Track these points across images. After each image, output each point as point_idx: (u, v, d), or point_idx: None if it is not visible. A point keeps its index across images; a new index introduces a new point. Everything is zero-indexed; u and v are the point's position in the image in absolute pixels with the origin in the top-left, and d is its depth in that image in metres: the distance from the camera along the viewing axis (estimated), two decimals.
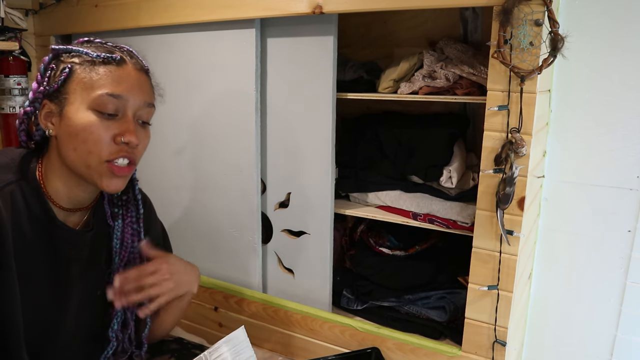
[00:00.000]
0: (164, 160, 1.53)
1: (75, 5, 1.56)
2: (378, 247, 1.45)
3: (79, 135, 0.77)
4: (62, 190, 0.82)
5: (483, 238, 1.10)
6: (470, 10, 1.42)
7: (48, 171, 0.81)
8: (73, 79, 0.78)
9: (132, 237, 0.92)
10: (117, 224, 0.90)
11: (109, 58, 0.79)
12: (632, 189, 1.27)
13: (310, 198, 1.35)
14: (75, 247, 0.85)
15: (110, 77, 0.78)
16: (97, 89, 0.77)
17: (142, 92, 0.82)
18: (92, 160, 0.77)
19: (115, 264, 0.90)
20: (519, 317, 1.29)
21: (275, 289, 1.47)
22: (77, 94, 0.77)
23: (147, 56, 1.52)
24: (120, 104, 0.78)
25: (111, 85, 0.78)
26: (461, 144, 1.37)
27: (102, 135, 0.77)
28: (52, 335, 0.84)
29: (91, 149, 0.77)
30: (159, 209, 1.08)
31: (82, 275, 0.86)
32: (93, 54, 0.78)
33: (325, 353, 1.34)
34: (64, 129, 0.78)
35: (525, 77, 0.97)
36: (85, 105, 0.77)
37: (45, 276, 0.81)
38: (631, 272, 1.30)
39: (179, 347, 1.06)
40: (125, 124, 0.79)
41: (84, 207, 0.86)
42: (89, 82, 0.77)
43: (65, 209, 0.83)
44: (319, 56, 1.25)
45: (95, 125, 0.77)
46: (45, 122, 0.80)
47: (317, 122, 1.29)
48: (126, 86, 0.79)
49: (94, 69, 0.78)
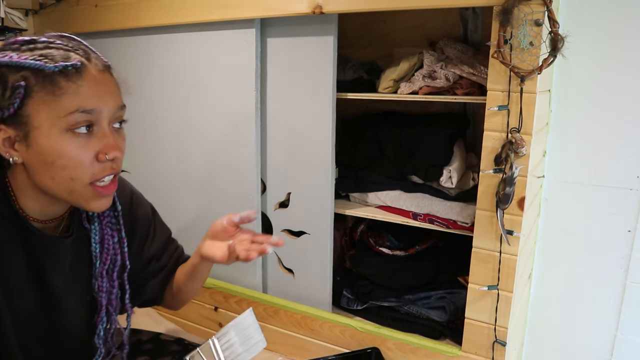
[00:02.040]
0: (164, 160, 1.53)
1: (75, 5, 1.56)
2: (378, 247, 1.45)
3: (55, 163, 0.68)
4: (35, 206, 0.76)
5: (483, 238, 1.10)
6: (470, 10, 1.42)
7: (16, 190, 0.74)
8: (32, 99, 0.66)
9: (112, 238, 0.86)
10: (93, 227, 0.84)
11: (67, 67, 0.67)
12: (632, 189, 1.27)
13: (310, 198, 1.35)
14: (54, 254, 0.80)
15: (75, 90, 0.67)
16: (66, 108, 0.67)
17: (112, 97, 0.73)
18: (75, 186, 0.70)
19: (96, 268, 0.85)
20: (519, 317, 1.29)
21: (275, 289, 1.47)
22: (42, 116, 0.67)
23: (147, 56, 1.53)
24: (94, 117, 0.69)
25: (79, 99, 0.67)
26: (461, 144, 1.37)
27: (83, 158, 0.69)
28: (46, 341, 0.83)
29: (72, 175, 0.69)
30: (159, 209, 1.07)
31: (69, 281, 0.82)
32: (50, 67, 0.66)
33: (325, 353, 1.34)
34: (35, 157, 0.69)
35: (525, 77, 0.97)
36: (56, 129, 0.67)
37: (28, 283, 0.78)
38: (631, 272, 1.30)
39: (180, 348, 1.05)
40: (104, 138, 0.71)
41: (59, 217, 0.81)
42: (53, 101, 0.66)
43: (40, 221, 0.77)
44: (319, 56, 1.25)
45: (74, 149, 0.68)
46: (6, 149, 0.69)
47: (317, 122, 1.29)
48: (96, 96, 0.69)
49: (54, 83, 0.66)
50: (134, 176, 1.61)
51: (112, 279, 0.86)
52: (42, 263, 0.78)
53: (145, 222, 0.97)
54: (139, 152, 1.58)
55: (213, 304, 1.51)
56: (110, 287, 0.86)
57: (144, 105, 1.53)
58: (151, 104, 1.52)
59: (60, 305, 0.82)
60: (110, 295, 0.86)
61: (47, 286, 0.80)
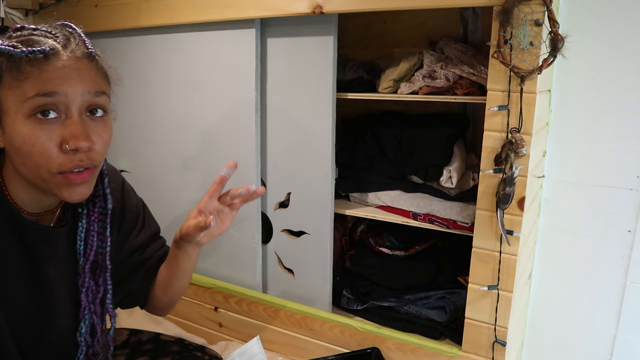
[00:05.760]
0: (164, 160, 1.53)
1: (75, 5, 1.56)
2: (378, 247, 1.45)
3: (21, 149, 0.67)
4: (26, 198, 0.75)
5: (483, 238, 1.10)
6: (470, 10, 1.42)
7: (8, 181, 0.74)
8: (2, 84, 0.67)
9: (98, 235, 0.84)
10: (80, 224, 0.82)
11: (34, 52, 0.66)
12: (632, 189, 1.27)
13: (310, 198, 1.35)
14: (49, 245, 0.79)
15: (38, 75, 0.66)
16: (26, 92, 0.65)
17: (82, 81, 0.69)
18: (43, 173, 0.69)
19: (79, 266, 0.84)
20: (518, 317, 1.29)
21: (275, 289, 1.47)
22: (10, 102, 0.67)
23: (147, 56, 1.53)
24: (59, 101, 0.67)
25: (40, 83, 0.66)
26: (461, 144, 1.37)
27: (46, 145, 0.67)
28: (42, 335, 0.83)
29: (38, 162, 0.67)
30: (159, 209, 1.07)
31: (63, 272, 0.82)
32: (16, 52, 0.66)
33: (325, 353, 1.34)
34: (8, 143, 0.69)
35: (525, 77, 0.97)
36: (20, 114, 0.66)
37: (22, 276, 0.78)
38: (631, 272, 1.30)
39: (180, 349, 1.05)
40: (70, 126, 0.67)
41: (52, 209, 0.80)
42: (17, 86, 0.66)
43: (33, 214, 0.77)
44: (319, 56, 1.25)
45: (36, 135, 0.66)
46: None
47: (317, 122, 1.29)
48: (59, 80, 0.66)
49: (20, 68, 0.66)
50: (134, 176, 1.61)
51: (94, 276, 0.85)
52: (37, 253, 0.78)
53: (134, 213, 0.96)
54: (139, 152, 1.58)
55: (213, 304, 1.51)
56: (92, 285, 0.85)
57: (144, 105, 1.53)
58: (151, 103, 1.52)
59: (54, 295, 0.81)
60: (91, 293, 0.85)
61: (41, 276, 0.79)
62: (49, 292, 0.81)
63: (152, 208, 1.50)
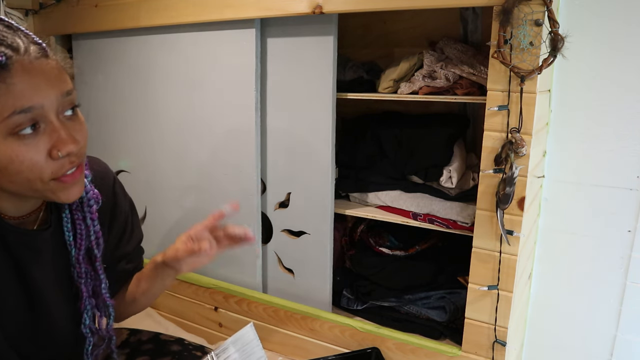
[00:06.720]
0: (164, 160, 1.53)
1: (75, 5, 1.56)
2: (378, 247, 1.45)
3: (8, 168, 0.63)
4: (8, 205, 0.73)
5: (483, 238, 1.10)
6: (470, 10, 1.42)
7: None
8: None
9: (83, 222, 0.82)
10: (64, 215, 0.80)
11: None
12: (632, 189, 1.27)
13: (310, 198, 1.35)
14: (33, 248, 0.77)
15: (5, 90, 0.60)
16: (1, 112, 0.60)
17: (52, 87, 0.64)
18: (35, 185, 0.66)
19: (72, 256, 0.82)
20: (518, 317, 1.29)
21: (275, 289, 1.47)
22: None
23: (147, 56, 1.53)
24: (36, 115, 0.62)
25: (13, 99, 0.60)
26: (461, 144, 1.37)
27: (35, 158, 0.63)
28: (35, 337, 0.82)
29: (29, 176, 0.64)
30: (159, 209, 1.07)
31: (52, 274, 0.81)
32: None
33: (325, 353, 1.34)
34: None
35: (525, 77, 0.97)
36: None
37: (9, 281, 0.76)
38: (631, 272, 1.30)
39: (180, 348, 1.05)
40: (54, 133, 0.64)
41: (35, 210, 0.78)
42: None
43: (16, 218, 0.75)
44: (319, 56, 1.25)
45: (22, 153, 0.62)
46: None
47: (317, 122, 1.29)
48: (31, 91, 0.62)
49: None
50: (134, 176, 1.61)
51: (89, 263, 0.84)
52: (22, 259, 0.76)
53: (124, 216, 0.94)
54: (139, 152, 1.58)
55: (213, 304, 1.51)
56: (89, 272, 0.83)
57: (144, 105, 1.53)
58: (151, 104, 1.52)
59: (45, 299, 0.80)
60: (90, 281, 0.84)
61: (29, 281, 0.78)
62: (39, 295, 0.79)
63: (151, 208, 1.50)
